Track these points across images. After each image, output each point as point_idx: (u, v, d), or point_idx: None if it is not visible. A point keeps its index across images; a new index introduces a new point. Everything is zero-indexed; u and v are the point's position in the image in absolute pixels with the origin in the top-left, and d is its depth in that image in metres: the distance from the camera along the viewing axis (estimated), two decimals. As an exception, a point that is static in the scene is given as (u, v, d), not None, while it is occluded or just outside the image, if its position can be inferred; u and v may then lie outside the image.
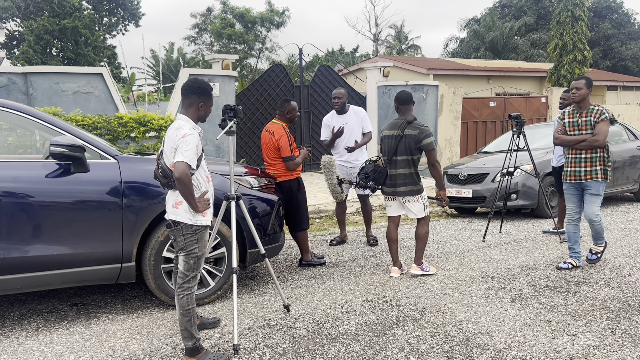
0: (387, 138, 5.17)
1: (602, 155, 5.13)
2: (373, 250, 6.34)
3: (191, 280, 3.37)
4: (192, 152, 3.18)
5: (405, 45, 38.31)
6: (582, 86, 5.11)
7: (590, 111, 5.12)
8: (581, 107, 5.16)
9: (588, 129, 5.11)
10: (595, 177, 5.12)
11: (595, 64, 28.90)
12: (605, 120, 5.05)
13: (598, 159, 5.12)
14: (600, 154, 5.12)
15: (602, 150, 5.11)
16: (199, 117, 3.44)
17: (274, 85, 12.03)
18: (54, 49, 26.04)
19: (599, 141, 5.04)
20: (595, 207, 5.21)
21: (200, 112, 3.43)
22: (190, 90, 3.39)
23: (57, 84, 8.45)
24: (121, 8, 29.17)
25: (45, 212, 3.88)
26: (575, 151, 5.19)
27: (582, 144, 5.11)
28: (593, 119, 5.08)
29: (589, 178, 5.14)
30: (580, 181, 5.19)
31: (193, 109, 3.40)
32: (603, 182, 5.16)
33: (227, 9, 29.93)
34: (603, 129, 5.04)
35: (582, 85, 5.11)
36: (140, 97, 21.84)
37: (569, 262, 5.35)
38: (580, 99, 5.12)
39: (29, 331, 3.98)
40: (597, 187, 5.16)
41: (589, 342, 3.61)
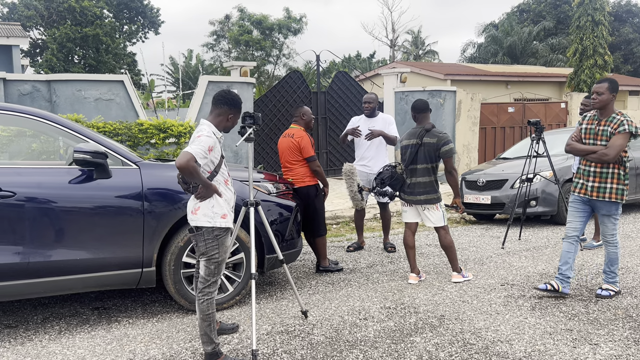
0: (406, 147, 5.17)
1: (617, 172, 4.44)
2: (391, 256, 6.33)
3: (212, 285, 3.41)
4: (200, 149, 3.20)
5: (422, 50, 38.21)
6: (604, 91, 4.43)
7: (610, 120, 4.43)
8: (602, 114, 4.50)
9: (603, 140, 4.44)
10: (603, 195, 4.47)
11: (617, 68, 28.53)
12: (623, 133, 4.34)
13: (610, 175, 4.45)
14: (613, 170, 4.44)
15: (617, 166, 4.44)
16: (225, 128, 3.49)
17: (292, 92, 12.09)
18: (76, 57, 26.53)
19: (608, 156, 4.36)
20: (609, 228, 4.63)
21: (228, 124, 3.50)
22: (224, 100, 3.44)
23: (79, 91, 8.59)
24: (141, 16, 29.64)
25: (68, 218, 3.95)
26: (586, 162, 4.57)
27: (592, 155, 4.46)
28: (610, 129, 4.40)
29: (596, 195, 4.50)
30: (589, 197, 4.56)
31: (222, 118, 3.46)
32: (616, 203, 4.50)
33: (244, 16, 30.21)
34: (617, 143, 4.34)
35: (604, 89, 4.43)
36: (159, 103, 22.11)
37: (551, 283, 4.62)
38: (602, 106, 4.47)
39: (51, 334, 4.05)
40: (609, 208, 4.52)
41: (611, 352, 3.56)
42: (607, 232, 4.66)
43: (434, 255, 6.35)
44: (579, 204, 4.69)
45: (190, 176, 3.19)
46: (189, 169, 3.13)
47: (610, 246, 4.69)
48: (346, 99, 12.89)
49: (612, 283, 4.70)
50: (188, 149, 3.17)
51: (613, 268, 4.69)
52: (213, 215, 3.35)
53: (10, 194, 3.77)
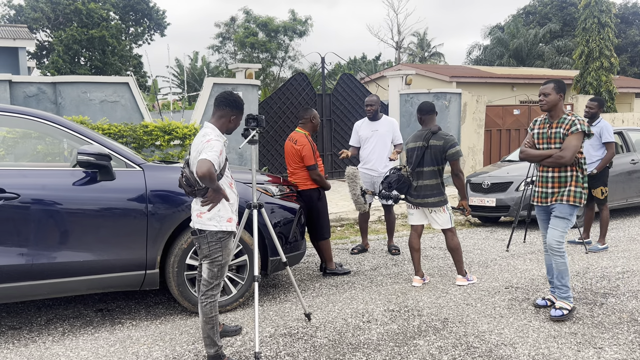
0: (412, 150, 5.15)
1: (575, 175, 4.22)
2: (395, 259, 6.31)
3: (215, 288, 3.41)
4: (215, 154, 3.22)
5: (428, 52, 38.19)
6: (551, 91, 4.22)
7: (561, 121, 4.20)
8: (552, 116, 4.27)
9: (557, 143, 4.21)
10: (561, 199, 4.22)
11: (623, 70, 28.40)
12: (576, 133, 4.11)
13: (569, 178, 4.22)
14: (572, 173, 4.22)
15: (575, 169, 4.22)
16: (227, 130, 3.51)
17: (296, 94, 12.09)
18: (82, 59, 26.67)
19: (564, 158, 4.13)
20: (558, 232, 4.25)
21: (231, 125, 3.50)
22: (226, 102, 3.45)
23: (84, 93, 8.63)
24: (147, 18, 29.75)
25: (72, 219, 3.96)
26: (543, 168, 4.32)
27: (548, 160, 4.23)
28: (563, 131, 4.16)
29: (555, 200, 4.26)
30: (547, 204, 4.32)
31: (224, 120, 3.47)
32: (573, 206, 4.22)
33: (250, 18, 30.26)
34: (571, 144, 4.11)
35: (550, 89, 4.22)
36: (165, 105, 22.18)
37: (548, 298, 4.50)
38: (550, 107, 4.25)
39: (55, 336, 4.06)
40: (563, 209, 4.23)
41: (616, 356, 3.53)
42: (555, 237, 4.25)
43: (438, 257, 6.33)
44: (544, 214, 4.45)
45: (210, 182, 3.19)
46: (210, 176, 3.15)
47: (556, 255, 4.26)
48: (351, 101, 12.88)
49: (565, 299, 4.27)
50: (205, 155, 3.17)
51: (564, 281, 4.28)
52: (219, 219, 3.36)
53: (15, 196, 3.79)
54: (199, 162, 3.18)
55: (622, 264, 5.84)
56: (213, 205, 3.35)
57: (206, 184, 3.24)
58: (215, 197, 3.34)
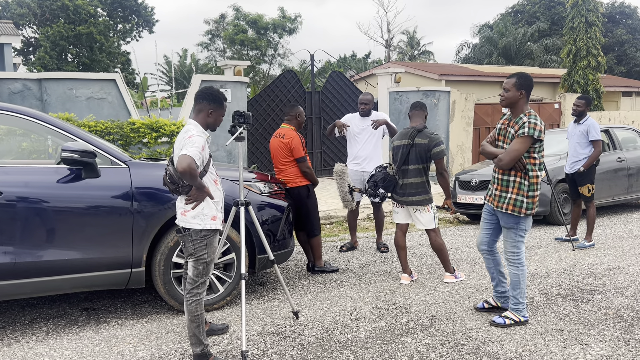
0: (397, 148, 5.15)
1: (518, 181, 3.91)
2: (383, 256, 6.31)
3: (200, 286, 3.38)
4: (197, 150, 3.18)
5: (417, 51, 38.25)
6: (511, 87, 3.90)
7: (517, 121, 3.91)
8: (513, 113, 3.98)
9: (507, 143, 3.97)
10: (501, 206, 3.97)
11: (610, 69, 28.64)
12: (522, 137, 3.79)
13: (511, 184, 3.93)
14: (515, 179, 3.92)
15: (520, 175, 3.90)
16: (208, 124, 3.45)
17: (286, 91, 12.05)
18: (69, 55, 26.42)
19: (502, 161, 3.88)
20: (508, 243, 4.04)
21: (210, 119, 3.45)
22: (202, 96, 3.42)
23: (70, 90, 8.53)
24: (135, 15, 29.55)
25: (56, 217, 3.91)
26: (494, 167, 4.10)
27: (494, 160, 4.02)
28: (513, 132, 3.90)
29: (496, 205, 4.02)
30: (492, 205, 4.10)
31: (203, 114, 3.43)
32: (518, 217, 3.93)
33: (239, 16, 30.15)
34: (513, 147, 3.82)
35: (510, 85, 3.91)
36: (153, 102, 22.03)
37: (487, 300, 4.37)
38: (508, 104, 3.96)
39: (39, 335, 4.01)
40: (505, 218, 3.98)
41: (602, 352, 3.55)
42: (507, 247, 4.05)
43: (426, 255, 6.34)
44: (487, 214, 4.24)
45: (191, 179, 3.16)
46: (191, 172, 3.11)
47: (511, 265, 4.05)
48: (340, 99, 12.87)
49: (516, 311, 4.04)
50: (186, 151, 3.13)
51: (515, 293, 4.04)
52: (203, 217, 3.33)
53: (-3, 193, 3.73)
54: (179, 157, 3.14)
55: (608, 260, 5.88)
56: (197, 203, 3.32)
57: (187, 181, 3.20)
58: (199, 195, 3.31)
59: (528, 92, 3.93)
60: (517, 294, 4.04)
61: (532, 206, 3.92)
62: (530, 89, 3.95)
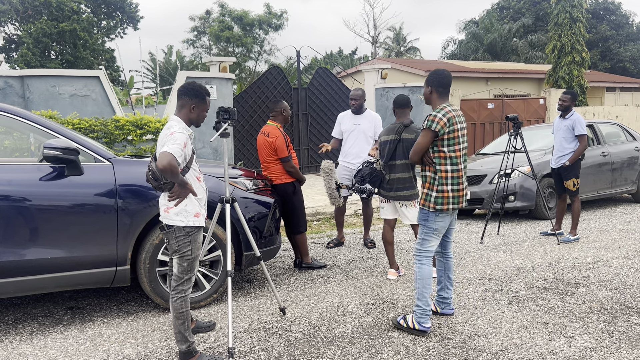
0: (384, 143, 5.15)
1: (430, 176, 3.85)
2: (370, 252, 6.32)
3: (185, 283, 3.36)
4: (178, 147, 3.15)
5: (403, 47, 38.32)
6: (425, 84, 3.95)
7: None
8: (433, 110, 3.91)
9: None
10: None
11: (594, 65, 28.93)
12: (423, 130, 3.79)
13: (425, 179, 3.90)
14: (427, 173, 3.87)
15: (431, 169, 3.84)
16: (190, 120, 3.42)
17: (272, 88, 12.02)
18: (53, 52, 26.08)
19: (410, 157, 3.93)
20: (417, 241, 3.94)
21: (192, 115, 3.41)
22: (184, 91, 3.38)
23: (53, 87, 8.43)
24: (119, 11, 29.21)
25: (39, 215, 3.86)
26: None
27: None
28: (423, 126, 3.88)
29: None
30: None
31: (185, 110, 3.40)
32: (428, 212, 3.83)
33: (225, 12, 29.94)
34: (417, 141, 3.84)
35: (425, 82, 3.96)
36: (138, 100, 21.85)
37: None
38: (425, 100, 4.03)
39: (23, 335, 3.96)
40: (419, 214, 3.94)
41: (586, 344, 3.59)
42: (416, 244, 3.97)
43: (412, 250, 6.35)
44: None
45: (172, 176, 3.13)
46: (172, 170, 3.08)
47: (415, 264, 3.90)
48: (327, 95, 12.86)
49: (415, 316, 3.82)
50: (167, 148, 3.10)
51: (415, 294, 3.89)
52: (186, 214, 3.30)
53: (-22, 192, 3.67)
54: (160, 154, 3.11)
55: (592, 254, 5.94)
56: (180, 200, 3.29)
57: (168, 178, 3.17)
58: (181, 192, 3.28)
59: (439, 88, 3.87)
60: (415, 295, 3.87)
61: (441, 201, 3.79)
62: (441, 84, 3.86)
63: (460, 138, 3.82)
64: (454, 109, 3.86)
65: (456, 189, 3.83)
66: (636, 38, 32.52)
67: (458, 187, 3.83)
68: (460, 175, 3.84)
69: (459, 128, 3.81)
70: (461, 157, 3.85)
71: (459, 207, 3.89)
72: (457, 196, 3.84)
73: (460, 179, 3.85)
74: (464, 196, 3.89)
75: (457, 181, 3.83)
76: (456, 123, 3.80)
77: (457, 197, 3.84)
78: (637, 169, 9.16)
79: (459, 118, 3.84)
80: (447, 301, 4.13)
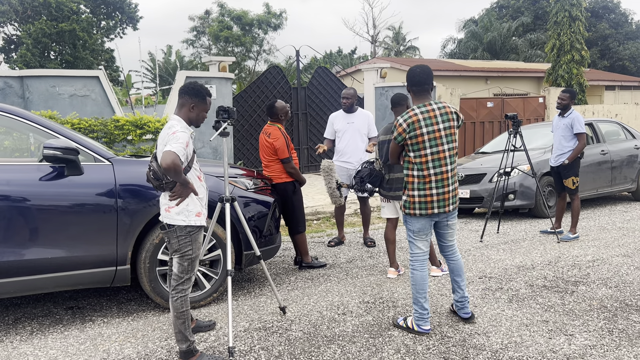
0: (383, 143, 5.15)
1: (405, 180, 3.82)
2: (370, 251, 6.32)
3: (185, 282, 3.36)
4: (180, 146, 3.15)
5: (403, 46, 38.31)
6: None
7: None
8: None
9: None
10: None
11: (593, 64, 28.92)
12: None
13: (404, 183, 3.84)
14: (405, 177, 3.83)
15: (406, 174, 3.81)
16: (190, 119, 3.42)
17: (271, 87, 12.01)
18: (52, 53, 26.06)
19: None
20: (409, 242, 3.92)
21: (192, 114, 3.41)
22: (184, 91, 3.39)
23: (53, 87, 8.43)
24: (119, 11, 29.19)
25: (39, 215, 3.86)
26: None
27: None
28: None
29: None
30: None
31: (185, 109, 3.40)
32: (406, 216, 3.83)
33: (224, 12, 29.93)
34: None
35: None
36: (138, 100, 21.84)
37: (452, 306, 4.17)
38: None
39: (23, 335, 3.96)
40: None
41: (586, 342, 3.59)
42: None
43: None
44: None
45: (176, 175, 3.13)
46: (175, 169, 3.08)
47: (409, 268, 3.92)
48: (326, 95, 12.86)
49: (414, 318, 3.84)
50: (170, 147, 3.10)
51: (415, 305, 3.82)
52: (188, 213, 3.30)
53: (-22, 192, 3.67)
54: (163, 154, 3.11)
55: (592, 252, 5.94)
56: (181, 200, 3.30)
57: (171, 177, 3.17)
58: (183, 192, 3.28)
59: (412, 87, 3.76)
60: (416, 305, 3.80)
61: (408, 205, 3.75)
62: (413, 83, 3.74)
63: (427, 142, 3.63)
64: (423, 110, 3.65)
65: (422, 194, 3.69)
66: (635, 36, 32.52)
67: (425, 193, 3.68)
68: (427, 180, 3.67)
69: (424, 132, 3.61)
70: (430, 162, 3.65)
71: (429, 213, 3.70)
72: (425, 202, 3.69)
73: (428, 185, 3.67)
74: (438, 202, 3.69)
75: (424, 187, 3.68)
76: (419, 127, 3.61)
77: (425, 202, 3.69)
78: (637, 167, 9.17)
79: (427, 121, 3.62)
80: (460, 304, 4.00)
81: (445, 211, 3.75)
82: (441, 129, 3.67)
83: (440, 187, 3.69)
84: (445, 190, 3.71)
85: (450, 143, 3.71)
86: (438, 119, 3.67)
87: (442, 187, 3.70)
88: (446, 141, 3.69)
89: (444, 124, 3.68)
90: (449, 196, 3.74)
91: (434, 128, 3.65)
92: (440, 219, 3.83)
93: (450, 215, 3.84)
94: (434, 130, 3.65)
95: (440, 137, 3.66)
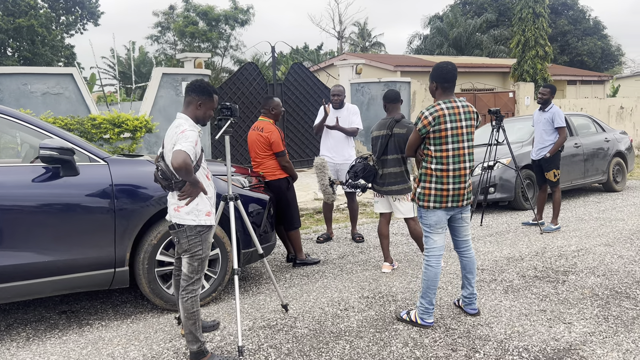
0: (376, 138, 5.19)
1: (420, 172, 3.90)
2: (360, 246, 6.35)
3: (195, 282, 3.31)
4: (190, 145, 3.10)
5: (369, 42, 38.52)
6: (430, 80, 3.99)
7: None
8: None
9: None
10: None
11: (554, 59, 29.72)
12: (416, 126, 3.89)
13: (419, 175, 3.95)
14: (420, 170, 3.93)
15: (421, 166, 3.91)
16: (197, 117, 3.36)
17: (247, 84, 11.91)
18: (9, 49, 25.14)
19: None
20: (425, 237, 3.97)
21: (199, 112, 3.36)
22: (191, 88, 3.34)
23: (25, 85, 8.14)
24: (79, 6, 28.36)
25: (34, 218, 3.73)
26: None
27: None
28: None
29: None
30: None
31: (192, 107, 3.35)
32: (419, 208, 3.90)
33: (190, 7, 29.45)
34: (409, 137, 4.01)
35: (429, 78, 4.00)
36: (100, 97, 21.28)
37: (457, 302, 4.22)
38: (432, 95, 4.04)
39: (19, 342, 3.82)
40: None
41: (585, 329, 3.71)
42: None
43: (402, 244, 6.42)
44: None
45: (187, 175, 3.07)
46: (186, 168, 3.03)
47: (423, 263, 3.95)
48: (302, 91, 12.82)
49: (418, 311, 3.89)
50: (180, 147, 3.05)
51: (422, 299, 3.86)
52: (198, 212, 3.25)
53: (-30, 195, 3.52)
54: (173, 153, 3.06)
55: (575, 242, 6.13)
56: (191, 199, 3.24)
57: (182, 177, 3.13)
58: (193, 191, 3.23)
59: (444, 83, 3.81)
60: (424, 299, 3.85)
61: (422, 197, 3.82)
62: (446, 79, 3.80)
63: (449, 138, 3.71)
64: (449, 106, 3.74)
65: (439, 188, 3.75)
66: (592, 32, 33.57)
67: (441, 187, 3.75)
68: (445, 175, 3.74)
69: (448, 127, 3.70)
70: (451, 157, 3.73)
71: (442, 206, 3.77)
72: (440, 195, 3.75)
73: (445, 179, 3.74)
74: (453, 196, 3.76)
75: (441, 181, 3.75)
76: (445, 122, 3.70)
77: (440, 195, 3.75)
78: (607, 159, 9.49)
79: (452, 117, 3.71)
80: (467, 300, 4.04)
81: (459, 206, 3.84)
82: (463, 127, 3.76)
83: (457, 182, 3.77)
84: (461, 187, 3.79)
85: (470, 141, 3.81)
86: (462, 116, 3.76)
87: (459, 183, 3.77)
88: (466, 139, 3.78)
89: (466, 122, 3.78)
90: (464, 192, 3.82)
91: (457, 125, 3.74)
92: (454, 212, 3.91)
93: (463, 209, 3.93)
94: (457, 127, 3.73)
95: (462, 134, 3.75)
